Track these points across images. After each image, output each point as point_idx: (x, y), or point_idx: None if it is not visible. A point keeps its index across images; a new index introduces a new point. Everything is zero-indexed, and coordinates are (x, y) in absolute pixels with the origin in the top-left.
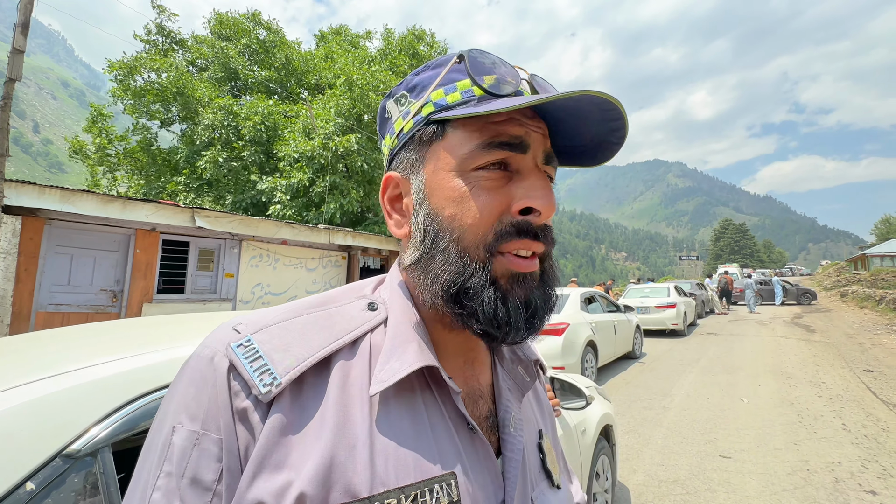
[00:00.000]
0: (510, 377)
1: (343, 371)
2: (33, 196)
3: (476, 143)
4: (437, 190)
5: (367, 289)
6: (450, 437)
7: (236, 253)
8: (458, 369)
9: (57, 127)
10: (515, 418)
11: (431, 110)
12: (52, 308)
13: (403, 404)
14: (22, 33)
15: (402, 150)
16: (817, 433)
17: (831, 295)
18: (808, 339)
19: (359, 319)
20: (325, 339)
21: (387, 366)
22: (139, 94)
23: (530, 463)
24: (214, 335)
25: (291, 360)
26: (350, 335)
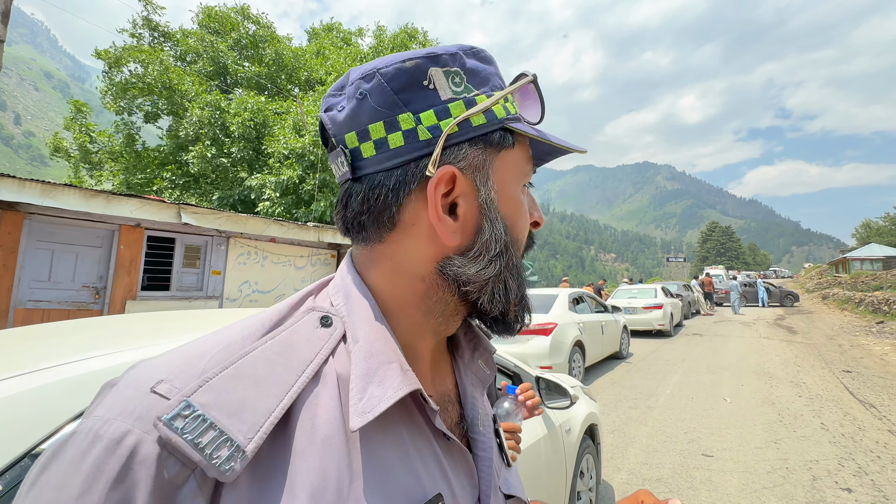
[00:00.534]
0: (472, 373)
1: (309, 413)
2: (13, 189)
3: (529, 161)
4: (507, 200)
5: (310, 298)
6: (433, 455)
7: (223, 250)
8: (426, 377)
9: (39, 119)
10: (483, 415)
11: (504, 116)
12: (31, 304)
13: (386, 433)
14: (2, 22)
15: (466, 143)
16: (797, 432)
17: (813, 297)
18: (790, 341)
19: (316, 342)
20: (285, 381)
21: (367, 393)
22: (124, 87)
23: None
24: (119, 402)
25: (252, 420)
26: (311, 366)
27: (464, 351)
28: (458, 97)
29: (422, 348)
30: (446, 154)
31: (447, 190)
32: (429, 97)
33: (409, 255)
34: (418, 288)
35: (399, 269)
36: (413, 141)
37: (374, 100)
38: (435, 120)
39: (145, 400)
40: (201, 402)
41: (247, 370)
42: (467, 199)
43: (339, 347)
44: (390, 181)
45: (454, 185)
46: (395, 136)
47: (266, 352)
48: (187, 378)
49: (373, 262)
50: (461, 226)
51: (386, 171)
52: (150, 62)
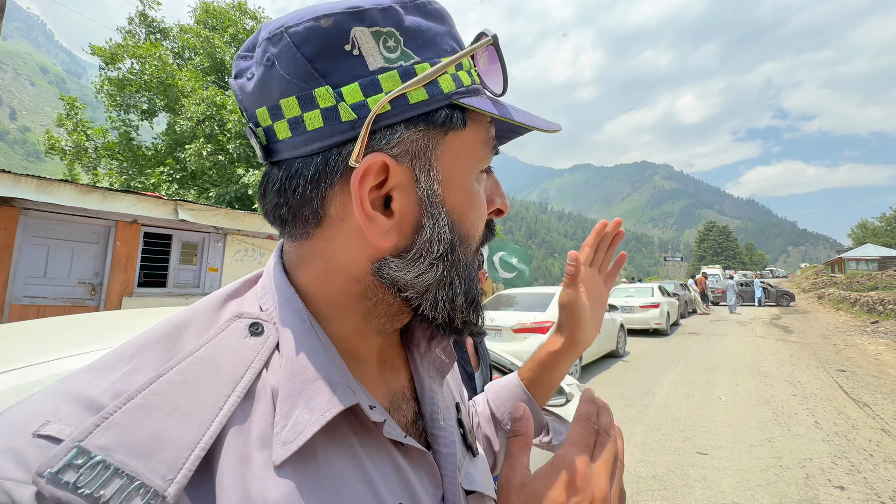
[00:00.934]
0: (429, 364)
1: (242, 439)
2: (8, 185)
3: (489, 144)
4: (455, 192)
5: (239, 299)
6: (391, 462)
7: (221, 247)
8: (376, 378)
9: (35, 114)
10: (443, 408)
11: (453, 89)
12: (27, 300)
13: (332, 446)
14: None
15: (402, 125)
16: (791, 430)
17: (809, 297)
18: (785, 340)
19: (245, 354)
20: (210, 404)
21: (290, 420)
22: (120, 84)
23: (456, 446)
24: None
25: (171, 459)
26: (241, 383)
27: (419, 341)
28: (392, 66)
29: (365, 349)
30: (376, 138)
31: (378, 182)
32: (353, 66)
33: (340, 254)
34: (354, 289)
35: (331, 268)
36: (334, 122)
37: (283, 68)
38: (361, 96)
39: (28, 448)
40: (100, 445)
41: (160, 397)
42: (404, 193)
43: (272, 358)
44: (309, 171)
45: (387, 175)
46: (313, 116)
47: (183, 372)
48: (83, 414)
49: (302, 260)
50: (397, 224)
51: (304, 158)
52: (146, 58)
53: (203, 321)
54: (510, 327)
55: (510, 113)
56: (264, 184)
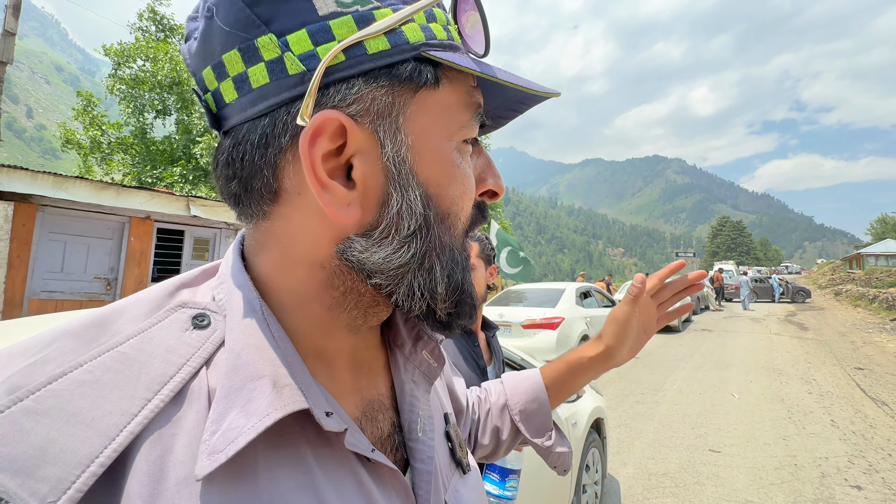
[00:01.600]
0: (414, 367)
1: (158, 450)
2: (26, 182)
3: (471, 110)
4: (429, 161)
5: (187, 289)
6: (353, 479)
7: (231, 242)
8: (346, 382)
9: (51, 112)
10: (424, 417)
11: (422, 40)
12: (45, 295)
13: (277, 456)
14: (13, 15)
15: (360, 79)
16: (806, 429)
17: (826, 293)
18: (800, 337)
19: (182, 350)
20: (122, 410)
21: (223, 424)
22: (133, 84)
23: (441, 460)
24: None
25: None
26: (170, 385)
27: (404, 342)
28: (346, 10)
29: (332, 349)
30: (329, 94)
31: (336, 146)
32: (300, 11)
33: (300, 234)
34: (317, 276)
35: (290, 252)
36: (280, 76)
37: (222, 18)
38: (310, 45)
39: None
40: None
41: (56, 400)
42: (367, 159)
43: (217, 355)
44: (255, 135)
45: (346, 139)
46: (257, 70)
47: (94, 371)
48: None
49: (259, 244)
50: (360, 195)
51: (251, 121)
52: (157, 57)
53: (143, 309)
54: (520, 323)
55: (493, 71)
56: (216, 157)
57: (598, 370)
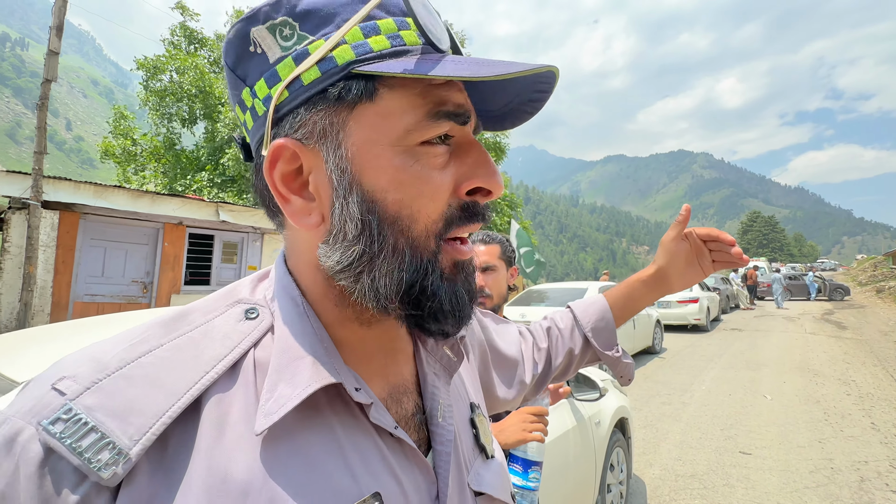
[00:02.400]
0: (435, 361)
1: (220, 409)
2: (69, 192)
3: (422, 110)
4: (372, 169)
5: (244, 290)
6: (376, 448)
7: (258, 246)
8: (377, 369)
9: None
10: (444, 405)
11: (352, 58)
12: (87, 298)
13: (311, 427)
14: (56, 35)
15: (302, 108)
16: (844, 431)
17: (866, 290)
18: (838, 336)
19: (235, 335)
20: (187, 379)
21: (275, 393)
22: (162, 94)
23: (463, 445)
24: (22, 400)
25: (140, 423)
26: (226, 360)
27: (427, 337)
28: (287, 52)
29: (354, 338)
30: (282, 126)
31: (296, 167)
32: (259, 64)
33: (299, 241)
34: (319, 276)
35: (300, 257)
36: (256, 118)
37: (228, 84)
38: (266, 89)
39: (43, 397)
40: (86, 405)
41: (144, 369)
42: (317, 174)
43: (264, 339)
44: (257, 163)
45: (296, 161)
46: (248, 117)
47: (171, 349)
48: (87, 376)
49: (288, 250)
50: (318, 206)
51: (257, 153)
52: (186, 69)
53: (212, 306)
54: None
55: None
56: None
57: (654, 293)
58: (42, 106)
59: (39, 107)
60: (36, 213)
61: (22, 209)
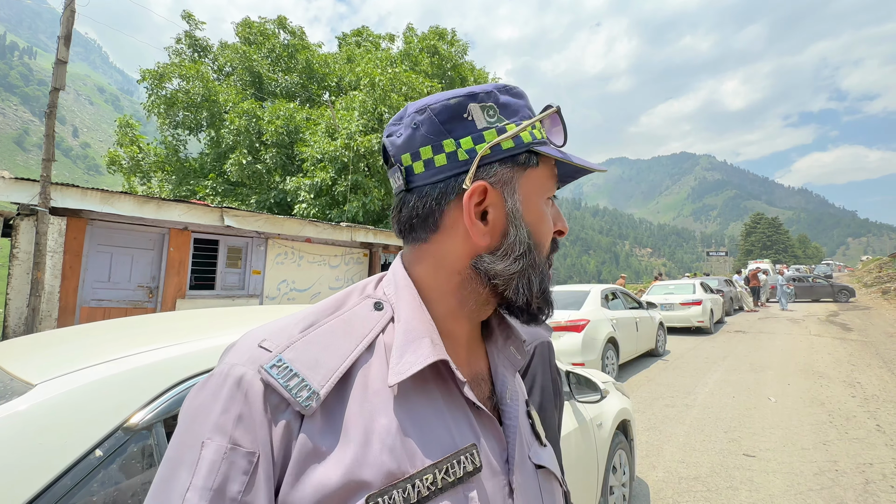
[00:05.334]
0: (504, 357)
1: (364, 373)
2: (76, 198)
3: (554, 179)
4: (530, 211)
5: (370, 287)
6: (465, 417)
7: (263, 251)
8: (462, 358)
9: (94, 131)
10: (511, 391)
11: (530, 140)
12: (94, 303)
13: (421, 394)
14: (64, 45)
15: (497, 163)
16: (849, 434)
17: (872, 292)
18: (843, 338)
19: (371, 321)
20: (347, 347)
21: (403, 359)
22: (169, 103)
23: (523, 428)
24: (240, 353)
25: (324, 373)
26: (367, 338)
27: (497, 338)
28: (492, 126)
29: (457, 331)
30: (481, 171)
31: (479, 200)
32: (468, 126)
33: (449, 252)
34: (455, 280)
35: (440, 264)
36: (454, 161)
37: (424, 129)
38: (472, 144)
39: (255, 352)
40: (289, 358)
41: (319, 338)
42: (496, 208)
43: (388, 326)
44: (435, 192)
45: (486, 196)
46: (441, 157)
47: (333, 325)
48: (283, 340)
49: (418, 259)
50: (490, 229)
51: (432, 185)
52: (191, 77)
53: (350, 301)
54: None
55: (570, 157)
56: (400, 205)
57: None
58: (50, 114)
59: (47, 115)
60: (44, 219)
61: (30, 215)
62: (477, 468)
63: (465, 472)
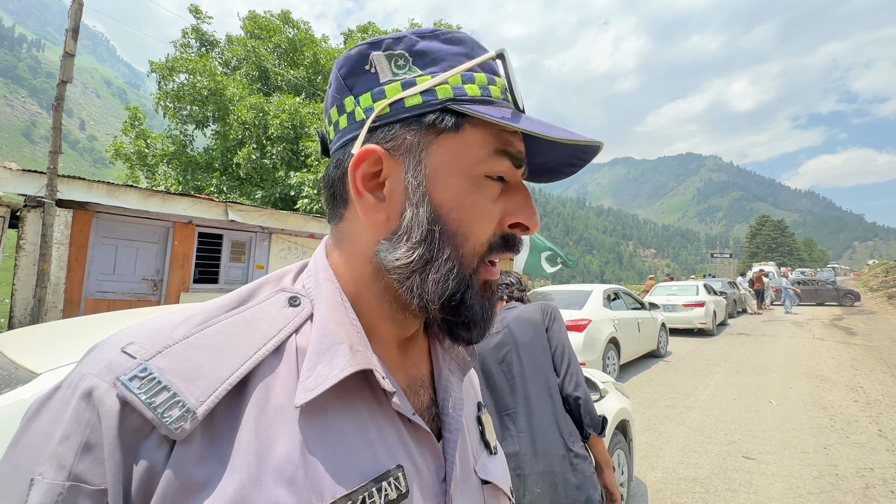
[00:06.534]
0: (451, 358)
1: (265, 385)
2: (83, 190)
3: (491, 147)
4: (442, 188)
5: (288, 278)
6: (395, 431)
7: (266, 245)
8: (396, 361)
9: (101, 124)
10: (455, 398)
11: (450, 96)
12: (99, 295)
13: (341, 407)
14: (72, 38)
15: (398, 125)
16: (850, 438)
17: (878, 296)
18: (847, 342)
19: (280, 320)
20: (244, 352)
21: (314, 372)
22: (176, 97)
23: (471, 437)
24: (96, 359)
25: (206, 385)
26: (273, 340)
27: (444, 336)
28: (396, 78)
29: (383, 333)
30: (376, 134)
31: (376, 170)
32: (369, 80)
33: (358, 234)
34: (367, 270)
35: (353, 249)
36: (352, 122)
37: (332, 88)
38: (370, 101)
39: (116, 358)
40: (159, 367)
41: (206, 340)
42: (394, 181)
43: (304, 326)
44: (336, 158)
45: (378, 165)
46: (343, 119)
47: (228, 325)
48: (154, 343)
49: (336, 242)
50: (386, 206)
51: (336, 151)
52: (198, 71)
53: (258, 295)
54: None
55: (516, 120)
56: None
57: None
58: (57, 106)
59: (55, 107)
60: (50, 211)
61: (37, 207)
62: (402, 494)
63: (386, 502)
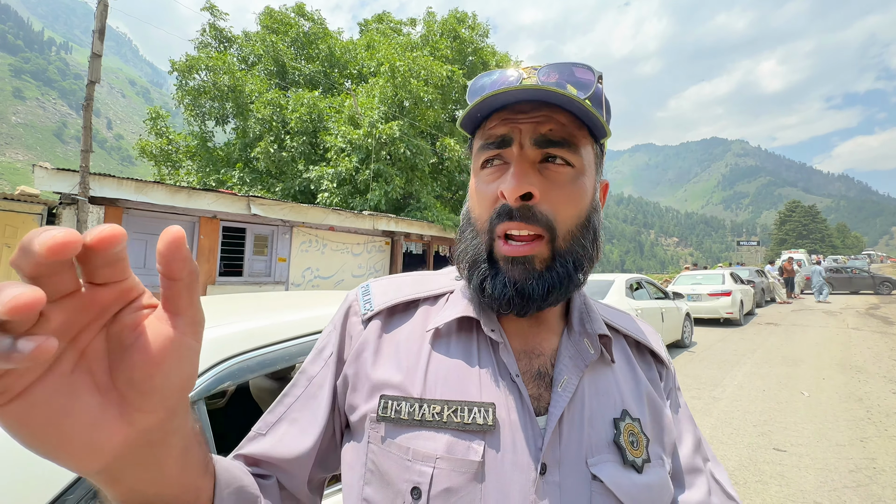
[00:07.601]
0: (574, 347)
1: (425, 313)
2: (113, 187)
3: (477, 145)
4: (471, 183)
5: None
6: (494, 378)
7: (288, 238)
8: (521, 330)
9: (126, 123)
10: (567, 380)
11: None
12: None
13: (461, 343)
14: (99, 39)
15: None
16: (888, 431)
17: None
18: (884, 332)
19: (444, 282)
20: (415, 290)
21: (442, 312)
22: (196, 93)
23: (592, 428)
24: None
25: (387, 297)
26: (434, 291)
27: (574, 325)
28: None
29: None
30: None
31: None
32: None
33: None
34: None
35: None
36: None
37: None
38: None
39: (361, 288)
40: (372, 287)
41: (398, 281)
42: None
43: (458, 289)
44: None
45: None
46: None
47: (414, 278)
48: (377, 281)
49: None
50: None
51: None
52: (217, 68)
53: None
54: None
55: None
56: None
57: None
58: (87, 106)
59: (85, 107)
60: (84, 208)
61: (71, 205)
62: (488, 425)
63: (474, 422)
